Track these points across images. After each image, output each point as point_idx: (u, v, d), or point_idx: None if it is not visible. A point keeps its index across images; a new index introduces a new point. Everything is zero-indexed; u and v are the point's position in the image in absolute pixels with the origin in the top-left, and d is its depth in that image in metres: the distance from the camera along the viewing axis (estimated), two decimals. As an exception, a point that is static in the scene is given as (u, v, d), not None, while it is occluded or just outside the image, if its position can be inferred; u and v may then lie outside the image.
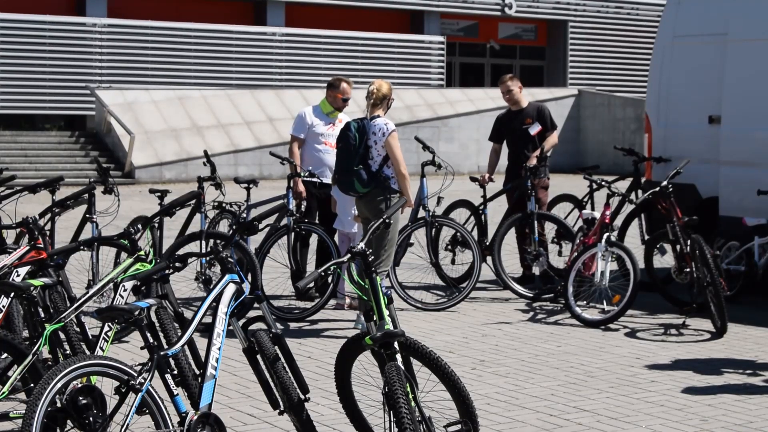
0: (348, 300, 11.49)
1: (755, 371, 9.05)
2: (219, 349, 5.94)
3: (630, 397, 8.21)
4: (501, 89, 13.18)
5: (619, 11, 42.03)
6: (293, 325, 10.86)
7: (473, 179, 13.14)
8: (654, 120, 13.38)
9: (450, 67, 40.13)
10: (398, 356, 5.85)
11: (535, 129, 12.89)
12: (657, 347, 9.97)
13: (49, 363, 6.79)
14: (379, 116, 10.24)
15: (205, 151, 13.21)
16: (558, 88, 38.43)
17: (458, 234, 12.58)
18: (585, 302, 11.29)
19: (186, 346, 6.13)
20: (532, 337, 10.38)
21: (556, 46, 42.00)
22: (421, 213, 12.18)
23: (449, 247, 12.87)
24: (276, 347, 6.27)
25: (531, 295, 12.13)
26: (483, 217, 13.13)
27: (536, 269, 12.81)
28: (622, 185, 13.55)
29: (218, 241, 10.54)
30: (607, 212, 11.65)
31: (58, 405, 5.63)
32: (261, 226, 6.80)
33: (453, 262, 12.88)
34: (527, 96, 13.70)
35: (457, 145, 32.82)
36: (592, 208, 13.61)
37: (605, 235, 11.16)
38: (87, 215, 10.87)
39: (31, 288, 6.75)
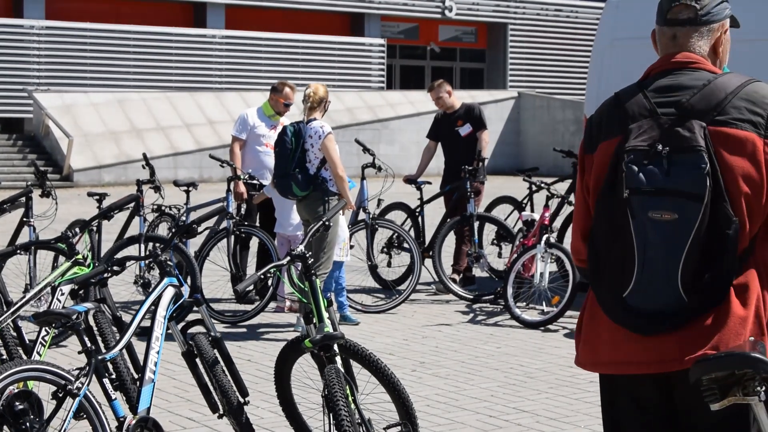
0: (288, 303, 11.47)
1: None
2: (158, 352, 5.90)
3: (569, 397, 8.26)
4: (431, 96, 13.26)
5: (558, 14, 42.29)
6: (233, 329, 10.83)
7: (407, 181, 13.18)
8: (592, 122, 13.45)
9: (390, 69, 40.19)
10: (338, 359, 5.85)
11: (465, 130, 12.95)
12: (596, 348, 10.01)
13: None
14: (315, 119, 10.28)
15: (144, 154, 13.14)
16: (498, 90, 38.61)
17: (395, 236, 12.61)
18: (524, 303, 11.34)
19: (124, 350, 6.09)
20: (471, 338, 10.41)
21: (496, 48, 42.18)
22: (362, 215, 12.19)
23: (386, 249, 12.88)
24: (215, 350, 6.24)
25: (471, 296, 12.17)
26: (420, 219, 13.17)
27: (477, 270, 12.86)
28: (562, 187, 13.62)
29: (157, 245, 10.45)
30: (547, 214, 11.71)
31: (-5, 410, 5.57)
32: (200, 229, 6.76)
33: (389, 264, 12.90)
34: (466, 98, 13.75)
35: (398, 147, 32.87)
36: (532, 210, 13.67)
37: (544, 237, 11.22)
38: (24, 219, 10.77)
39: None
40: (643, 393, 3.79)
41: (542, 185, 12.24)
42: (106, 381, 5.61)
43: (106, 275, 6.16)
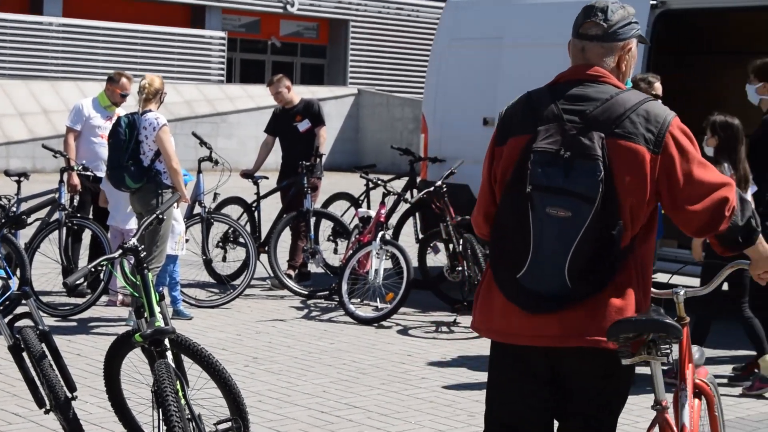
0: (120, 296, 11.31)
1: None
2: (-18, 346, 5.77)
3: (400, 393, 8.33)
4: (270, 91, 13.24)
5: (399, 12, 42.55)
6: (63, 322, 10.63)
7: (244, 175, 13.14)
8: (430, 121, 13.60)
9: (231, 62, 39.90)
10: (168, 353, 5.79)
11: (304, 126, 12.96)
12: (428, 344, 10.13)
13: None
14: (150, 110, 10.18)
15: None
16: (338, 86, 38.66)
17: (230, 231, 12.55)
18: (359, 300, 11.39)
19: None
20: (305, 334, 10.42)
21: (337, 45, 42.24)
22: (197, 209, 12.10)
23: (221, 244, 12.80)
24: (43, 344, 6.13)
25: (306, 292, 12.18)
26: (256, 214, 13.13)
27: (312, 266, 12.87)
28: (398, 184, 13.72)
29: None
30: (383, 211, 11.79)
31: None
32: (30, 220, 6.65)
33: (224, 259, 12.82)
34: (306, 94, 13.75)
35: (236, 141, 32.66)
36: (368, 207, 13.76)
37: (380, 234, 11.29)
38: None
39: None
40: (528, 361, 4.34)
41: (379, 182, 12.31)
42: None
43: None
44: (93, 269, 5.84)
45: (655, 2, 11.50)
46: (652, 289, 4.49)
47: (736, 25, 14.31)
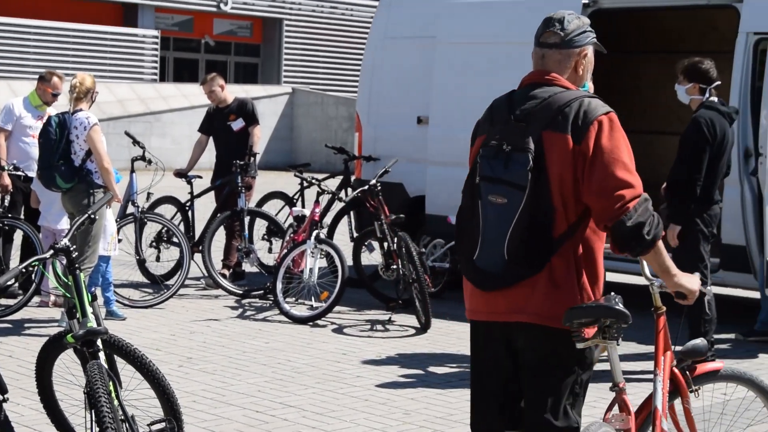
0: (53, 297, 11.21)
1: (458, 365, 9.32)
2: None
3: (336, 392, 8.33)
4: (204, 90, 13.19)
5: (333, 11, 42.52)
6: (-5, 323, 10.52)
7: (178, 175, 13.07)
8: (365, 119, 13.61)
9: (164, 61, 39.68)
10: (101, 354, 5.74)
11: (237, 125, 12.93)
12: (363, 343, 10.14)
13: None
14: (81, 110, 10.11)
15: None
16: (272, 85, 38.56)
17: (164, 230, 12.48)
18: (294, 299, 11.37)
19: None
20: (240, 333, 10.38)
21: (271, 43, 42.12)
22: (131, 209, 12.01)
23: (154, 243, 12.72)
24: (-27, 346, 6.06)
25: (240, 291, 12.14)
26: (190, 213, 13.07)
27: (247, 265, 12.83)
28: (333, 183, 13.71)
29: None
30: (317, 210, 11.78)
31: None
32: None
33: (158, 259, 12.75)
34: (240, 93, 13.71)
35: (170, 140, 32.48)
36: (303, 206, 13.72)
37: (314, 233, 11.28)
38: None
39: None
40: (490, 334, 4.80)
41: (313, 181, 12.30)
42: None
43: None
44: (24, 270, 5.77)
45: (587, 1, 11.58)
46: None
47: (667, 24, 14.45)
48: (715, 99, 9.20)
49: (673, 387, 5.23)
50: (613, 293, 4.68)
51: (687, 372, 5.29)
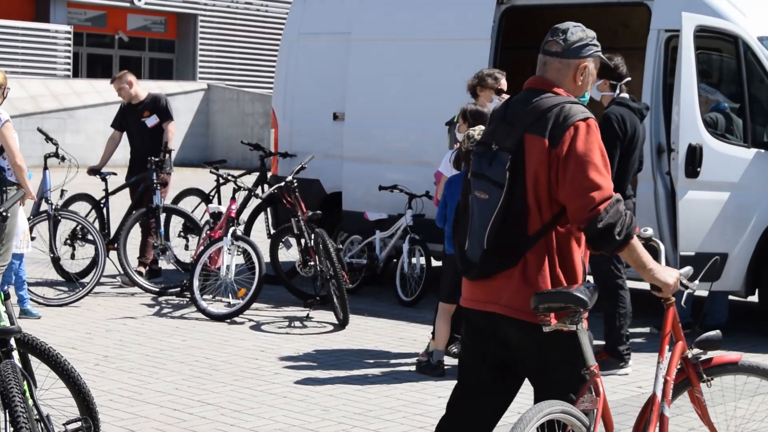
0: (-35, 296, 11.05)
1: (375, 361, 9.36)
2: None
3: (254, 389, 8.32)
4: (114, 87, 13.09)
5: (248, 7, 42.36)
6: None
7: (91, 172, 12.96)
8: (280, 116, 13.59)
9: (77, 57, 39.27)
10: (15, 353, 5.68)
11: (152, 121, 12.85)
12: (281, 340, 10.14)
13: None
14: (-7, 106, 9.99)
15: None
16: (187, 81, 38.33)
17: (78, 228, 12.36)
18: (211, 296, 11.33)
19: None
20: (157, 331, 10.33)
21: (186, 39, 41.85)
22: (44, 206, 11.89)
23: (69, 241, 12.59)
24: None
25: (157, 289, 12.07)
26: (105, 210, 12.96)
27: (163, 263, 12.76)
28: (249, 179, 13.68)
29: None
30: (234, 206, 11.76)
31: None
32: None
33: (73, 256, 12.62)
34: (155, 89, 13.61)
35: (84, 137, 32.16)
36: (219, 203, 13.68)
37: (231, 229, 11.25)
38: None
39: None
40: (476, 323, 5.07)
41: (230, 178, 12.26)
42: None
43: None
44: (-65, 269, 5.71)
45: (501, -2, 11.65)
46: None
47: (580, 20, 14.54)
48: (626, 95, 9.33)
49: (684, 376, 5.36)
50: (589, 280, 4.94)
51: (699, 362, 5.39)
